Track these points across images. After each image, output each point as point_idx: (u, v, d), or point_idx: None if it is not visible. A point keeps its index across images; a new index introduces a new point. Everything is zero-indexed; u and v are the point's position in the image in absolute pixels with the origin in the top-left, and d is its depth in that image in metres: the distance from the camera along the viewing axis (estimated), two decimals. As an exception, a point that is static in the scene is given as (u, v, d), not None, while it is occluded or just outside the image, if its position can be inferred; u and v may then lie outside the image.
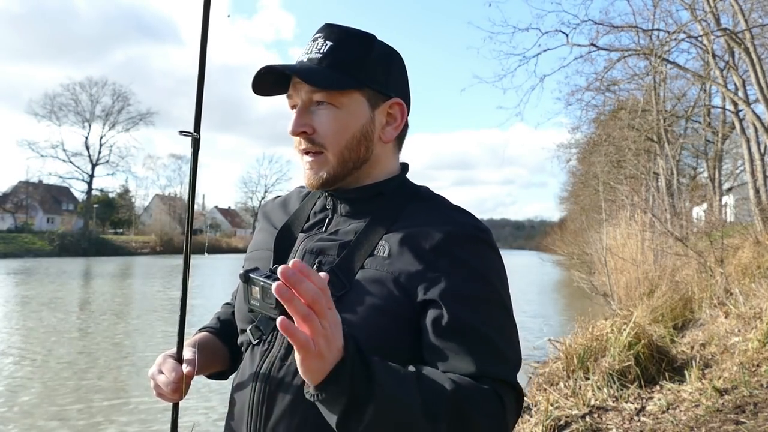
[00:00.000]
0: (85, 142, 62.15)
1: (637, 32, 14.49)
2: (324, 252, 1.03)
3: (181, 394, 1.03)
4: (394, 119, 1.08)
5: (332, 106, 1.02)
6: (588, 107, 17.42)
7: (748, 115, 12.14)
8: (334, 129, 1.02)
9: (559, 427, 4.22)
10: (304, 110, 1.03)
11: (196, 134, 1.06)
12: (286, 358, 0.99)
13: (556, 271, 31.78)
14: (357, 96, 1.03)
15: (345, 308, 0.95)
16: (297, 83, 1.02)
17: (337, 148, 1.03)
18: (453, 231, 0.98)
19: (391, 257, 0.98)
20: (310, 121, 1.02)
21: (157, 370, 1.06)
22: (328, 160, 1.03)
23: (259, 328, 1.04)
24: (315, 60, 1.02)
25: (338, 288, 0.97)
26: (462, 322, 0.94)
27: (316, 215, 1.12)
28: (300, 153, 1.05)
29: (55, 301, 17.53)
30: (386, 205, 1.05)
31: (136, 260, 45.69)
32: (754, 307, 6.04)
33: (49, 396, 7.51)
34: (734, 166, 22.27)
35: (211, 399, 6.97)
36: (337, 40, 1.03)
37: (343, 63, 1.02)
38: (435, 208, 1.06)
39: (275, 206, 1.24)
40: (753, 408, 3.87)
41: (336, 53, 1.02)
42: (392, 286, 0.96)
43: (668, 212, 14.17)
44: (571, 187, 35.05)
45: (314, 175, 1.04)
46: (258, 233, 1.23)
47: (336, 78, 1.01)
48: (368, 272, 0.98)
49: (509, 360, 0.97)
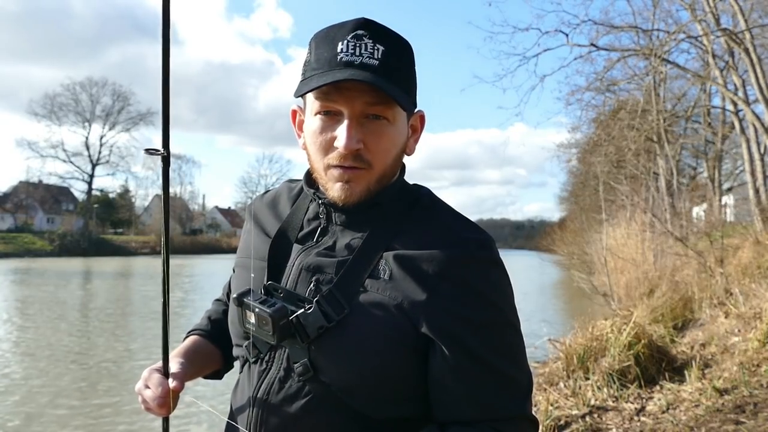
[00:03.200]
0: (85, 142, 62.29)
1: (637, 32, 14.52)
2: (321, 270, 0.98)
3: (169, 408, 1.00)
4: (416, 131, 1.04)
5: (387, 121, 0.94)
6: (588, 107, 17.46)
7: (747, 115, 12.15)
8: (386, 147, 0.96)
9: (559, 427, 4.22)
10: (357, 123, 0.93)
11: (164, 152, 0.95)
12: (285, 380, 0.96)
13: (556, 271, 31.76)
14: (402, 110, 0.97)
15: (345, 332, 0.92)
16: (348, 89, 0.91)
17: (382, 166, 0.96)
18: (456, 253, 0.94)
19: (393, 280, 0.94)
20: (362, 135, 0.93)
21: (143, 385, 1.02)
22: (370, 177, 0.96)
23: (256, 347, 1.00)
24: (371, 66, 0.91)
25: (338, 311, 0.93)
26: (470, 356, 0.92)
27: (310, 223, 1.06)
28: (334, 167, 0.96)
29: (54, 301, 17.53)
30: (385, 217, 1.00)
31: (136, 260, 45.67)
32: (754, 307, 6.05)
33: (49, 396, 7.50)
34: (734, 166, 22.28)
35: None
36: (388, 44, 0.94)
37: (401, 76, 0.94)
38: (436, 220, 1.01)
39: (264, 206, 1.16)
40: (753, 408, 3.87)
41: (392, 62, 0.93)
42: (395, 311, 0.92)
43: (668, 212, 14.17)
44: (571, 187, 35.13)
45: (352, 191, 0.95)
46: (247, 234, 1.15)
47: (403, 95, 0.93)
48: (369, 295, 0.94)
49: (520, 385, 0.96)
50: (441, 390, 0.93)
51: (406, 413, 0.96)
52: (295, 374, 0.95)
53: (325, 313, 0.93)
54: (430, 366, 0.93)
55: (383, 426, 0.94)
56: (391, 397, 0.94)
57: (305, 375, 0.94)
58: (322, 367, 0.93)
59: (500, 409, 0.93)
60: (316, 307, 0.93)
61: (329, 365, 0.92)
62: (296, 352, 0.95)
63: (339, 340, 0.92)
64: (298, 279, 0.99)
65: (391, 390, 0.93)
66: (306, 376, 0.94)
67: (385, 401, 0.94)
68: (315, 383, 0.93)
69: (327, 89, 0.92)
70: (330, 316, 0.92)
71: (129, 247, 56.90)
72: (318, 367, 0.93)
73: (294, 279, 0.99)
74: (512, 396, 0.94)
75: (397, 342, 0.92)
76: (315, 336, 0.93)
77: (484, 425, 0.92)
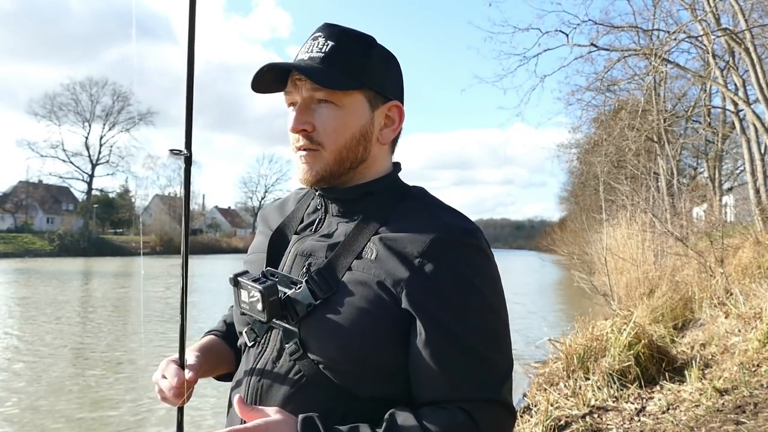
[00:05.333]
0: (85, 142, 62.30)
1: (638, 32, 14.53)
2: (313, 253, 1.04)
3: (184, 398, 1.05)
4: (392, 121, 1.09)
5: (334, 105, 1.02)
6: (588, 107, 17.48)
7: (748, 115, 12.15)
8: (335, 127, 1.02)
9: (559, 427, 4.22)
10: (306, 108, 1.03)
11: (187, 152, 1.04)
12: (277, 360, 1.01)
13: (556, 271, 31.77)
14: (358, 96, 1.03)
15: (331, 310, 0.97)
16: (298, 81, 1.02)
17: (335, 146, 1.03)
18: (441, 236, 0.97)
19: (378, 260, 0.98)
20: (311, 119, 1.02)
21: (160, 374, 1.08)
22: (323, 156, 1.03)
23: (254, 330, 1.06)
24: (317, 59, 1.01)
25: (324, 290, 0.98)
26: (447, 333, 0.94)
27: (310, 216, 1.13)
28: (295, 150, 1.05)
29: (54, 301, 17.52)
30: (376, 205, 1.06)
31: (136, 260, 45.67)
32: (754, 307, 6.04)
33: (49, 396, 7.50)
34: (734, 166, 22.28)
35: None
36: (339, 40, 1.03)
37: (345, 63, 1.02)
38: (425, 208, 1.05)
39: (273, 209, 1.26)
40: (753, 408, 3.86)
41: (338, 53, 1.02)
42: (377, 288, 0.96)
43: (668, 212, 14.16)
44: (571, 187, 35.13)
45: (309, 170, 1.04)
46: (256, 236, 1.25)
47: (340, 78, 1.01)
48: (354, 274, 0.98)
49: (497, 369, 0.97)
50: (417, 367, 0.96)
51: (389, 393, 0.98)
52: (287, 354, 1.00)
53: (314, 291, 0.98)
54: (409, 343, 0.96)
55: (368, 405, 0.97)
56: (375, 375, 0.97)
57: (295, 354, 0.99)
58: (311, 345, 0.98)
59: (473, 390, 0.95)
60: (305, 286, 0.99)
61: (317, 341, 0.97)
62: (288, 333, 1.00)
63: (325, 316, 0.97)
64: (293, 264, 1.06)
65: (374, 367, 0.97)
66: (296, 355, 0.98)
67: (368, 378, 0.97)
68: (304, 361, 0.98)
69: (288, 87, 1.04)
70: (317, 294, 0.98)
71: (129, 247, 56.87)
72: (307, 345, 0.98)
73: (290, 264, 1.06)
74: (487, 378, 0.96)
75: (379, 318, 0.96)
76: (304, 314, 0.98)
77: (454, 407, 0.94)
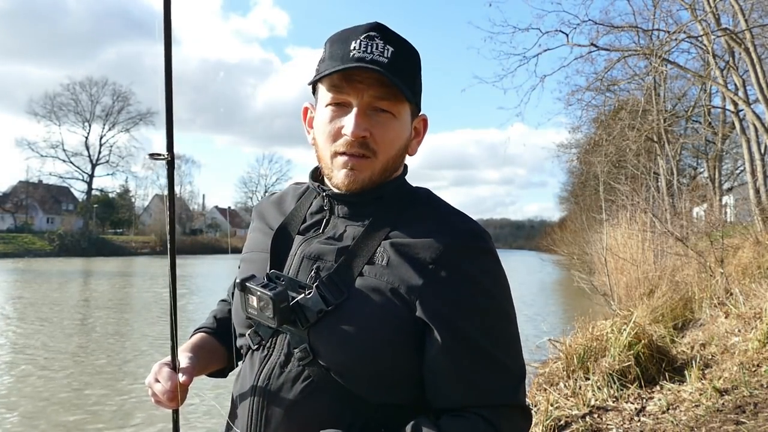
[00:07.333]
0: (85, 142, 62.36)
1: (638, 32, 14.52)
2: (321, 257, 1.02)
3: (178, 401, 1.04)
4: (419, 133, 1.10)
5: (392, 115, 1.01)
6: (588, 107, 17.50)
7: (748, 115, 12.15)
8: (391, 138, 1.01)
9: (559, 427, 4.22)
10: (365, 113, 0.99)
11: (168, 156, 1.00)
12: (285, 365, 0.99)
13: (556, 271, 31.75)
14: (407, 108, 1.03)
15: (343, 317, 0.95)
16: (358, 82, 0.98)
17: (386, 156, 1.02)
18: (452, 242, 0.97)
19: (390, 266, 0.97)
20: (369, 125, 0.99)
21: (153, 378, 1.06)
22: (373, 165, 1.01)
23: (258, 334, 1.04)
24: (381, 63, 0.97)
25: (336, 296, 0.96)
26: (464, 340, 0.94)
27: (313, 216, 1.10)
28: (338, 154, 1.01)
29: (54, 301, 17.52)
30: (385, 209, 1.04)
31: (136, 260, 45.64)
32: (754, 307, 6.04)
33: (49, 396, 7.50)
34: (734, 166, 22.27)
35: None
36: (398, 46, 1.00)
37: (404, 72, 1.00)
38: (434, 212, 1.05)
39: (270, 204, 1.21)
40: (753, 408, 3.87)
41: (399, 61, 0.99)
42: (391, 295, 0.95)
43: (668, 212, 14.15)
44: (571, 187, 35.13)
45: (354, 177, 1.00)
46: (253, 232, 1.20)
47: (407, 90, 0.99)
48: (366, 280, 0.97)
49: (512, 373, 0.97)
50: (434, 374, 0.96)
51: (400, 399, 0.98)
52: (296, 359, 0.98)
53: (325, 297, 0.96)
54: (425, 350, 0.96)
55: (379, 411, 0.97)
56: (387, 381, 0.96)
57: (305, 359, 0.97)
58: (321, 351, 0.96)
59: (491, 395, 0.95)
60: (316, 292, 0.97)
61: (327, 348, 0.96)
62: (296, 338, 0.98)
63: (337, 323, 0.95)
64: (300, 267, 1.03)
65: (386, 373, 0.96)
66: (305, 360, 0.97)
67: (380, 385, 0.96)
68: (314, 367, 0.96)
69: (339, 82, 0.98)
70: (329, 300, 0.96)
71: (129, 247, 56.90)
72: (317, 351, 0.96)
73: (296, 267, 1.03)
74: (504, 382, 0.96)
75: (392, 325, 0.95)
76: (315, 320, 0.96)
77: (473, 415, 0.93)
